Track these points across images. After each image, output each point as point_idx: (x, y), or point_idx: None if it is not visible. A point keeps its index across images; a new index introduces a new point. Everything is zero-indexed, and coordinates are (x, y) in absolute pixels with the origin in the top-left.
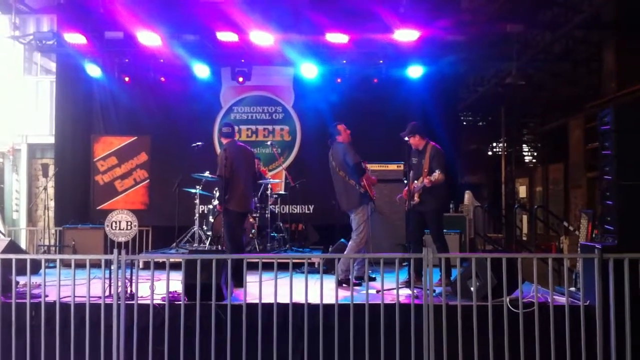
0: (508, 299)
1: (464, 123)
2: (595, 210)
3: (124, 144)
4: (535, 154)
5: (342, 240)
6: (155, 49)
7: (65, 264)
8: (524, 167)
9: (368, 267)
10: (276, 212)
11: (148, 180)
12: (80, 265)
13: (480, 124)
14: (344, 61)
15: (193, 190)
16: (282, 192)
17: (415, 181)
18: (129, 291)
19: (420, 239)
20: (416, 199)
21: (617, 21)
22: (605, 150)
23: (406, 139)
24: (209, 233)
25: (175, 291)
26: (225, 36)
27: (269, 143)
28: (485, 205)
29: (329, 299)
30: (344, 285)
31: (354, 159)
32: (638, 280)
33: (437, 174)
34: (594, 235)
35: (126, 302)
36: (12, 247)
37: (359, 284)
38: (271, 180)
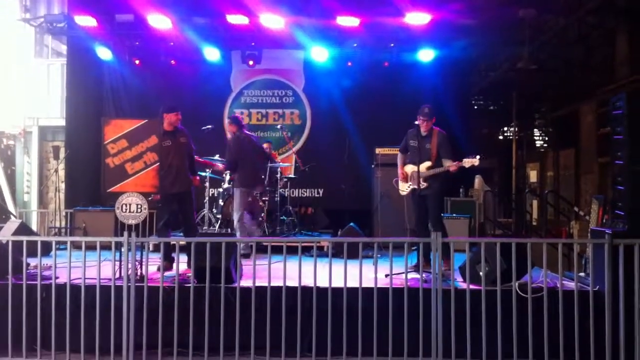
0: (517, 284)
1: (475, 107)
2: (606, 195)
3: (134, 127)
4: (546, 138)
5: (352, 224)
6: (165, 32)
7: (76, 246)
8: (535, 152)
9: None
10: (286, 195)
11: (158, 164)
12: (90, 247)
13: (492, 108)
14: (355, 45)
15: (203, 174)
16: (292, 175)
17: (416, 166)
18: (139, 273)
19: (427, 223)
20: (423, 183)
21: (629, 6)
22: (616, 135)
23: (416, 122)
24: (219, 216)
25: (185, 273)
26: (236, 19)
27: (279, 127)
28: (496, 189)
29: (338, 282)
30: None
31: None
32: None
33: (469, 159)
34: (604, 221)
35: (136, 284)
36: (23, 229)
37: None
38: (281, 163)
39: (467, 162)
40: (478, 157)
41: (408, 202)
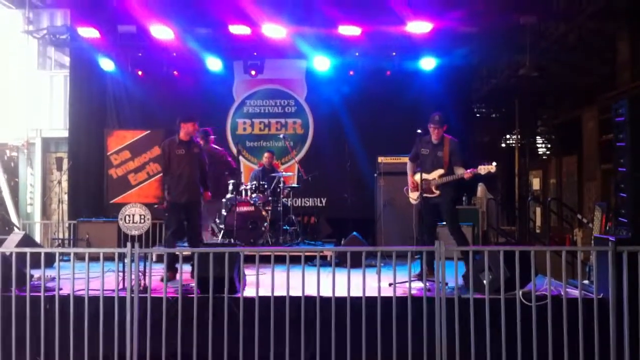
0: (521, 292)
1: (477, 115)
2: (609, 202)
3: (137, 138)
4: (549, 145)
5: (355, 233)
6: (168, 42)
7: (79, 258)
8: (537, 159)
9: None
10: (289, 205)
11: (161, 174)
12: (94, 258)
13: (494, 115)
14: (357, 54)
15: None
16: (295, 185)
17: (426, 174)
18: (142, 284)
19: (435, 232)
20: (435, 191)
21: (630, 10)
22: (619, 142)
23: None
24: (222, 226)
25: (188, 284)
26: (238, 29)
27: (281, 136)
28: (499, 197)
29: (341, 292)
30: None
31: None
32: None
33: (484, 166)
34: (607, 228)
35: (139, 295)
36: (27, 240)
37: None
38: (284, 173)
39: (483, 169)
40: (494, 163)
41: (417, 211)
